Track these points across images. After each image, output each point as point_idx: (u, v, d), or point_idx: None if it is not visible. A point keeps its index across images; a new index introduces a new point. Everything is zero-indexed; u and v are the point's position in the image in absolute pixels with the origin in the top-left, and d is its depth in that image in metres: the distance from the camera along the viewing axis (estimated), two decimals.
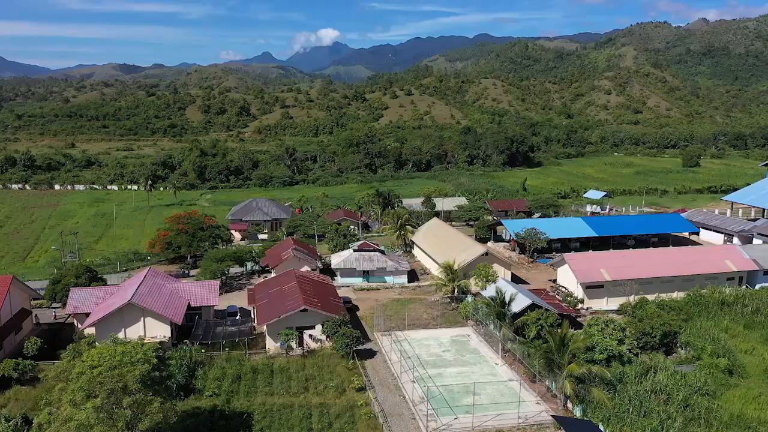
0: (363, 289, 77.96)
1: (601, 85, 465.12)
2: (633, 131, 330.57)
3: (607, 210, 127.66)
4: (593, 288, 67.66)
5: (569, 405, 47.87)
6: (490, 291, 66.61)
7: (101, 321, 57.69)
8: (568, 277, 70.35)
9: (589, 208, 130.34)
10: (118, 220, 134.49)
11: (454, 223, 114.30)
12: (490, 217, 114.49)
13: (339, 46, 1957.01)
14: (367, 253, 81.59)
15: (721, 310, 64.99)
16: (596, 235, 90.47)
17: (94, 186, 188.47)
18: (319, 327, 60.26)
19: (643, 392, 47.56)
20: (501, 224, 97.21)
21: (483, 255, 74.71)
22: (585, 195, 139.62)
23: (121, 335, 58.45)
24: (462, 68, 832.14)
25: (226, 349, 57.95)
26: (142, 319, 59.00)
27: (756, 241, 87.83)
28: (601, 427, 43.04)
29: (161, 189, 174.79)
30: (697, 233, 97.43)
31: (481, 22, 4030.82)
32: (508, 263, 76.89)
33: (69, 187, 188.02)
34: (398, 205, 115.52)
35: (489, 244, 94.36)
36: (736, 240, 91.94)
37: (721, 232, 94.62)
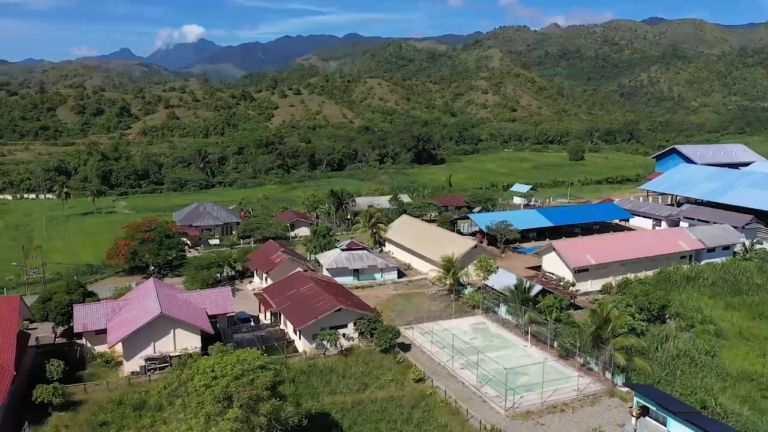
0: (357, 287, 79.38)
1: (478, 85, 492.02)
2: (516, 128, 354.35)
3: (531, 202, 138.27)
4: (580, 272, 74.70)
5: (608, 375, 53.69)
6: (495, 280, 71.41)
7: (130, 336, 54.94)
8: (554, 263, 76.95)
9: (517, 201, 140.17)
10: (37, 232, 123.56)
11: None
12: (434, 213, 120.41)
13: (205, 43, 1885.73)
14: (356, 251, 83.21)
15: (687, 284, 74.82)
16: (552, 225, 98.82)
17: None
18: (351, 325, 61.53)
19: (670, 358, 54.66)
20: (461, 219, 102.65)
21: (473, 248, 79.36)
22: (512, 189, 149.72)
23: (150, 350, 56.31)
24: (338, 67, 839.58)
25: (264, 354, 57.40)
26: (172, 331, 56.94)
27: (683, 224, 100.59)
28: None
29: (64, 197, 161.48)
30: (627, 220, 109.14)
31: (350, 22, 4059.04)
32: (493, 254, 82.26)
33: None
34: (351, 205, 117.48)
35: None
36: (664, 224, 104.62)
37: (650, 218, 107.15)
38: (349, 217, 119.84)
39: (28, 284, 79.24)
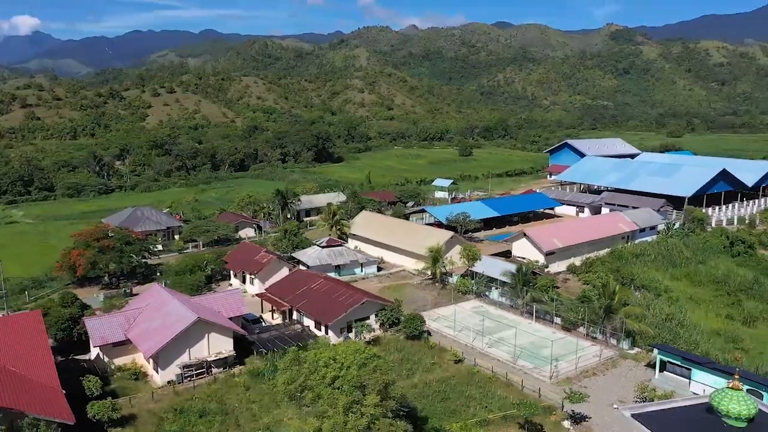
0: None
1: (354, 84, 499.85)
2: (399, 127, 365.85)
3: (459, 195, 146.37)
4: (549, 255, 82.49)
5: (613, 341, 61.19)
6: (483, 266, 76.92)
7: (168, 345, 53.13)
8: (524, 248, 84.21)
9: (439, 195, 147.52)
10: None
11: None
12: (369, 208, 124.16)
13: (41, 36, 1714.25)
14: (336, 248, 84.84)
15: (636, 260, 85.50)
16: (498, 215, 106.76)
17: None
18: (372, 317, 63.78)
19: (660, 321, 63.41)
20: (415, 213, 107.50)
21: (451, 238, 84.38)
22: (434, 183, 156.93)
23: (185, 357, 54.86)
24: (200, 64, 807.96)
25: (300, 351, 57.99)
26: (206, 335, 55.82)
27: (604, 210, 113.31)
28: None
29: None
30: (553, 208, 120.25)
31: (205, 17, 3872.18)
32: (467, 244, 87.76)
33: None
34: (296, 204, 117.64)
35: None
36: (587, 211, 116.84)
37: (574, 205, 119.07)
38: (290, 216, 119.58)
39: None
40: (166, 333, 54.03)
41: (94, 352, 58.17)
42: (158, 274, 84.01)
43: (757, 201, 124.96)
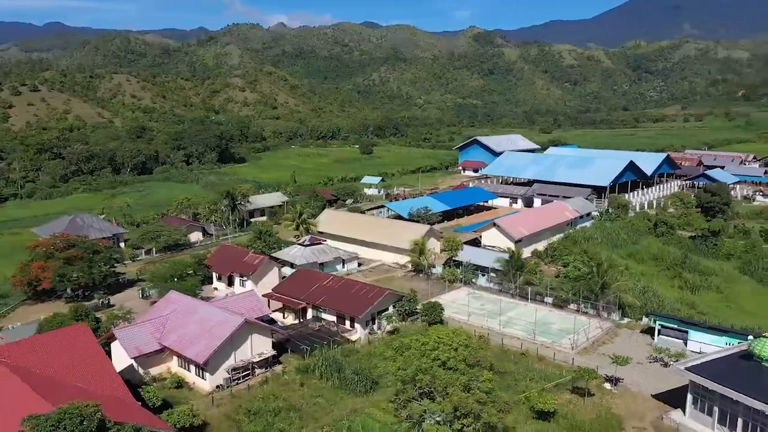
0: None
1: (234, 83, 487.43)
2: (290, 126, 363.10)
3: (389, 192, 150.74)
4: (518, 242, 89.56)
5: (604, 314, 68.98)
6: (469, 255, 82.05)
7: (218, 349, 52.49)
8: (493, 237, 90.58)
9: (369, 192, 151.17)
10: None
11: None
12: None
13: None
14: (318, 246, 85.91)
15: (587, 243, 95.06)
16: (449, 208, 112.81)
17: None
18: (391, 308, 66.47)
19: (639, 293, 72.25)
20: (375, 208, 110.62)
21: (428, 231, 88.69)
22: (363, 181, 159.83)
23: (231, 360, 54.48)
24: (53, 60, 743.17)
25: (337, 347, 59.35)
26: (249, 337, 55.66)
27: (536, 201, 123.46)
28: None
29: None
30: (487, 201, 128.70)
31: (49, 9, 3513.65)
32: (438, 236, 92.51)
33: None
34: (245, 204, 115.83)
35: None
36: (519, 202, 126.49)
37: (508, 197, 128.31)
38: (234, 218, 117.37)
39: None
40: (213, 337, 53.23)
41: (119, 364, 55.41)
42: (131, 282, 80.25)
43: (653, 188, 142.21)
